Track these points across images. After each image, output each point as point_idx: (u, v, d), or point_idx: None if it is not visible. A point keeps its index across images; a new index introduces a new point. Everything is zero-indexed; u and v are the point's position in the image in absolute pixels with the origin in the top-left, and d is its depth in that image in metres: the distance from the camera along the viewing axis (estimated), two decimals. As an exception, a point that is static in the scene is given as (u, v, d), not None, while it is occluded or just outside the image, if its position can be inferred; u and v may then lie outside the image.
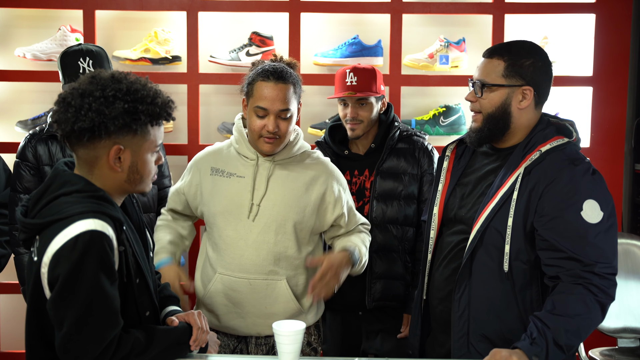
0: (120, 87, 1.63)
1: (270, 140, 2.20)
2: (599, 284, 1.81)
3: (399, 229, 2.64)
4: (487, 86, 1.99)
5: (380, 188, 2.63)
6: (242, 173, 2.27)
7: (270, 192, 2.24)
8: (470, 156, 2.12)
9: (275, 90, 2.18)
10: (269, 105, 2.17)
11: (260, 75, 2.21)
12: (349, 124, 2.64)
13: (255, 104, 2.19)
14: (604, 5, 3.33)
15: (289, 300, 2.24)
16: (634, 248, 3.02)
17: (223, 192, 2.26)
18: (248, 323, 2.25)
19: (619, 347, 3.03)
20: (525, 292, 1.92)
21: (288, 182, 2.26)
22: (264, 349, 2.29)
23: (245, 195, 2.24)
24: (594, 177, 1.90)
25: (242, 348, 2.30)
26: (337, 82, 2.69)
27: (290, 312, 2.25)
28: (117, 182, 1.69)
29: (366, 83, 2.63)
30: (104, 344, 1.56)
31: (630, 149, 3.60)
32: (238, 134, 2.32)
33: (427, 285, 2.12)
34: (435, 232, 2.09)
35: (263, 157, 2.26)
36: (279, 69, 2.20)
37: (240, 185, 2.25)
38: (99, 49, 2.65)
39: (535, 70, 1.97)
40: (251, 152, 2.28)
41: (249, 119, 2.24)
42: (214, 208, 2.26)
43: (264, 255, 2.21)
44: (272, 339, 2.28)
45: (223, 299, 2.25)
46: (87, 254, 1.54)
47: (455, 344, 1.98)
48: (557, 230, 1.85)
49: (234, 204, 2.24)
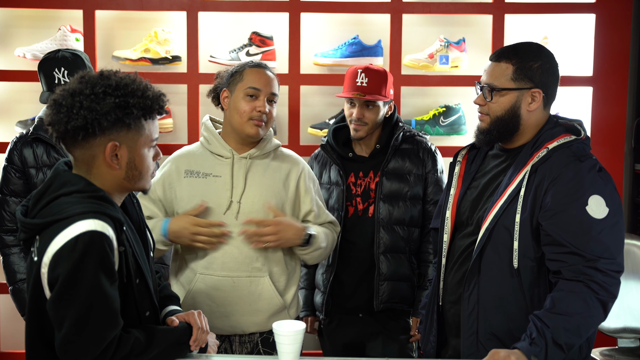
0: (109, 83, 1.64)
1: (259, 123, 2.25)
2: (600, 281, 1.80)
3: (405, 229, 2.63)
4: (496, 90, 1.99)
5: (386, 189, 2.63)
6: (218, 172, 2.28)
7: (249, 189, 2.26)
8: (481, 160, 2.13)
9: (265, 76, 2.30)
10: (262, 87, 2.27)
11: (247, 65, 2.32)
12: (353, 124, 2.63)
13: (246, 86, 2.26)
14: (604, 5, 3.33)
15: (273, 296, 2.27)
16: (634, 248, 3.02)
17: (200, 192, 2.26)
18: (232, 321, 2.27)
19: (619, 347, 3.03)
20: (533, 289, 1.92)
21: (265, 178, 2.29)
22: (248, 346, 2.31)
23: (223, 194, 2.25)
24: (600, 174, 1.90)
25: (227, 347, 2.32)
26: (348, 80, 2.67)
27: (274, 308, 2.28)
28: (116, 180, 1.69)
29: (376, 86, 2.61)
30: (104, 344, 1.56)
31: (630, 149, 3.60)
32: (209, 133, 2.35)
33: (442, 290, 2.12)
34: (448, 236, 2.10)
35: (238, 154, 2.29)
36: (263, 64, 2.35)
37: (217, 184, 2.26)
38: (75, 55, 2.66)
39: (543, 72, 1.98)
40: (226, 150, 2.30)
41: (236, 104, 2.27)
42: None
43: (246, 252, 2.23)
44: (255, 335, 2.31)
45: (206, 299, 2.25)
46: (87, 254, 1.54)
47: (465, 343, 1.99)
48: (561, 224, 1.85)
49: (212, 204, 2.25)
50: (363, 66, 2.66)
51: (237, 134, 2.30)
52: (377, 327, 2.67)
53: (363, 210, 2.65)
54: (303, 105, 3.38)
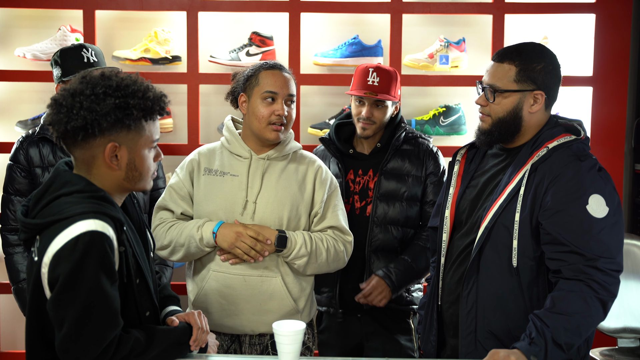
0: (110, 84, 1.64)
1: (278, 127, 2.25)
2: (600, 280, 1.80)
3: (399, 230, 2.63)
4: (498, 91, 1.99)
5: (383, 188, 2.63)
6: (236, 171, 2.29)
7: (264, 189, 2.26)
8: (481, 159, 2.13)
9: (281, 77, 2.28)
10: (278, 89, 2.25)
11: (262, 67, 2.30)
12: (361, 122, 2.62)
13: (263, 90, 2.26)
14: (604, 5, 3.33)
15: (284, 297, 2.25)
16: (634, 248, 3.02)
17: (217, 190, 2.27)
18: (242, 320, 2.26)
19: (619, 347, 3.03)
20: (532, 288, 1.92)
21: (282, 179, 2.29)
22: (257, 348, 2.30)
23: (239, 193, 2.26)
24: (600, 173, 1.90)
25: (236, 348, 2.31)
26: (358, 78, 2.65)
27: (285, 310, 2.26)
28: (116, 180, 1.69)
29: (387, 85, 2.61)
30: (104, 344, 1.56)
31: (630, 149, 3.60)
32: (229, 134, 2.35)
33: (440, 290, 2.12)
34: (447, 235, 2.10)
35: (257, 155, 2.29)
36: (278, 64, 2.32)
37: (234, 183, 2.27)
38: (98, 48, 2.72)
39: (546, 74, 1.97)
40: (245, 150, 2.30)
41: (254, 109, 2.26)
42: (208, 207, 2.27)
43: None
44: (265, 337, 2.29)
45: (217, 296, 2.25)
46: (88, 254, 1.54)
47: (463, 341, 1.99)
48: (561, 223, 1.85)
49: (228, 202, 2.25)
50: (374, 65, 2.65)
51: (257, 137, 2.30)
52: (376, 326, 2.67)
53: (360, 208, 2.65)
54: (303, 105, 3.39)
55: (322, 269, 2.32)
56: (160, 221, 2.33)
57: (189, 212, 2.32)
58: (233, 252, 2.20)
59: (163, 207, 2.35)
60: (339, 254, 2.31)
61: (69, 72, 2.56)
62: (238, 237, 2.18)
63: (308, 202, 2.31)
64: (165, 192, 2.36)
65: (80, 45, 2.65)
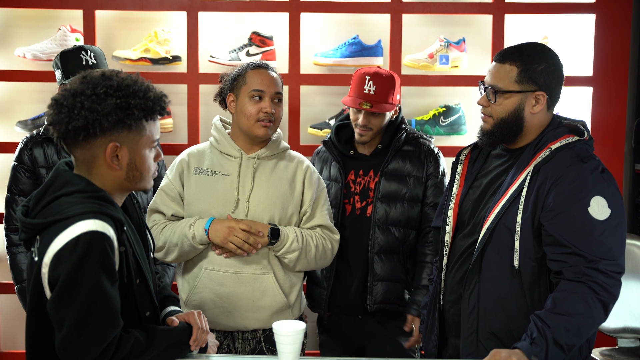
0: (111, 84, 1.64)
1: (267, 124, 2.29)
2: (601, 282, 1.80)
3: (400, 231, 2.63)
4: (500, 92, 1.98)
5: (384, 189, 2.63)
6: (227, 171, 2.32)
7: (256, 188, 2.29)
8: (484, 159, 2.13)
9: (268, 76, 2.32)
10: (265, 87, 2.30)
11: (249, 67, 2.35)
12: (358, 129, 2.61)
13: (250, 89, 2.30)
14: (604, 5, 3.33)
15: (277, 293, 2.29)
16: (634, 248, 3.02)
17: (208, 190, 2.30)
18: (236, 317, 2.29)
19: (619, 347, 3.03)
20: (534, 289, 1.92)
21: (272, 178, 2.32)
22: (250, 343, 2.33)
23: (230, 192, 2.28)
24: (602, 175, 1.89)
25: (229, 343, 2.33)
26: (355, 85, 2.62)
27: (277, 306, 2.30)
28: (116, 180, 1.69)
29: (384, 94, 2.57)
30: (104, 344, 1.56)
31: (630, 149, 3.60)
32: (219, 133, 2.39)
33: (442, 290, 2.12)
34: (450, 235, 2.10)
35: (247, 154, 2.32)
36: (265, 63, 2.37)
37: (225, 182, 2.30)
38: (98, 49, 2.72)
39: (548, 74, 1.97)
40: (235, 149, 2.34)
41: (242, 108, 2.30)
42: (200, 206, 2.29)
43: None
44: (258, 332, 2.32)
45: (210, 294, 2.27)
46: (88, 254, 1.54)
47: (465, 342, 1.99)
48: (563, 225, 1.85)
49: (220, 201, 2.28)
50: (372, 71, 2.61)
51: (246, 135, 2.33)
52: (378, 328, 2.67)
53: (361, 209, 2.65)
54: (303, 105, 3.39)
55: (311, 266, 2.37)
56: (153, 224, 2.35)
57: (179, 214, 2.35)
58: (226, 246, 2.23)
59: (155, 210, 2.37)
60: (326, 251, 2.37)
61: (69, 75, 2.57)
62: (231, 232, 2.20)
63: (298, 200, 2.35)
64: (157, 194, 2.38)
65: (80, 47, 2.65)
